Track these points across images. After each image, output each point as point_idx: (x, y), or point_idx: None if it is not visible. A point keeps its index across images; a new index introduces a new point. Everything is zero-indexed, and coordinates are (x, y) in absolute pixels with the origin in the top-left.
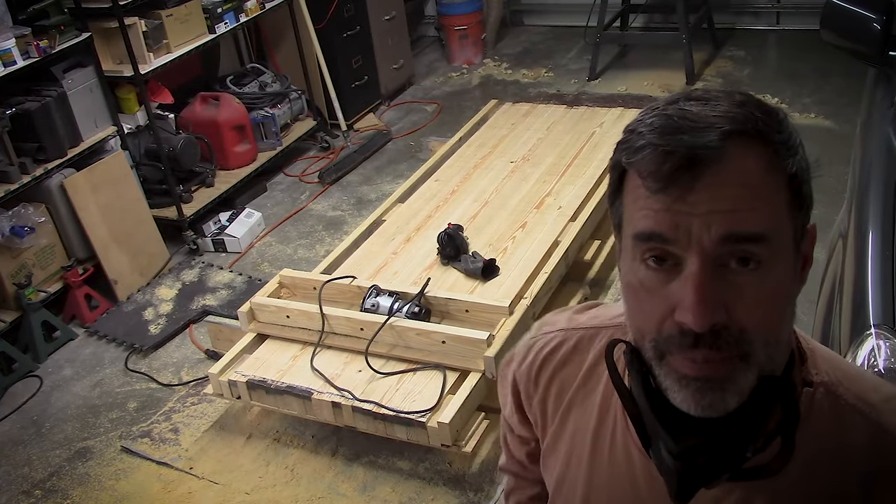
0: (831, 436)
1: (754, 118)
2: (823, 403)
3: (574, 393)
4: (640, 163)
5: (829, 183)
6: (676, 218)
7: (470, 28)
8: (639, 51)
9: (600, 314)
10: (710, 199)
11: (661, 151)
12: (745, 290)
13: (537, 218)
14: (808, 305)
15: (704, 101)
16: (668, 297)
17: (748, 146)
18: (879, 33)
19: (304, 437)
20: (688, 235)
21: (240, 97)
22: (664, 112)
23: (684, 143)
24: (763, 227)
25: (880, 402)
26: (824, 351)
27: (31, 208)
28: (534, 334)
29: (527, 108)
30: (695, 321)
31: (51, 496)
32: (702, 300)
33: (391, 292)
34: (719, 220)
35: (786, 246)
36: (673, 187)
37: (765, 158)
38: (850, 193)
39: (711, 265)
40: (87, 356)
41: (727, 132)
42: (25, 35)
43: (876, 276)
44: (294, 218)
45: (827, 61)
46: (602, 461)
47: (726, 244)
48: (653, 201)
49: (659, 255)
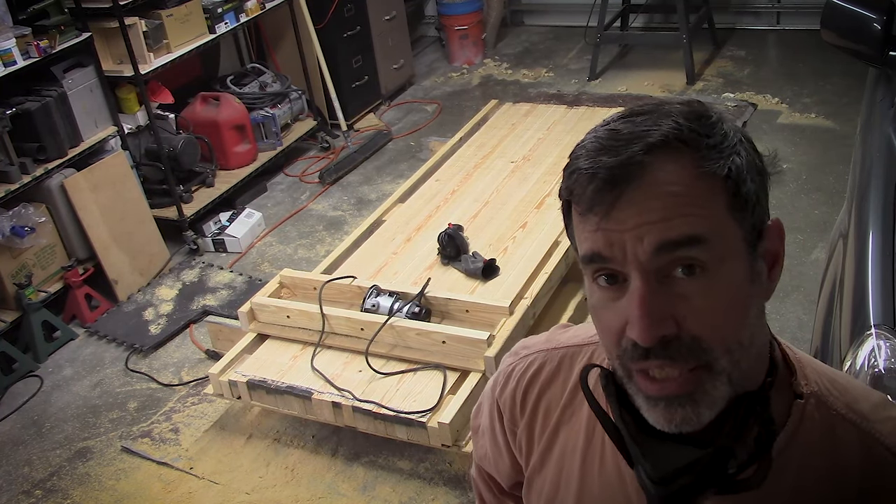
0: (823, 445)
1: (679, 127)
2: (815, 414)
3: (561, 412)
4: (571, 187)
5: (829, 183)
6: (609, 236)
7: (470, 28)
8: (639, 51)
9: (580, 333)
10: (637, 213)
11: (586, 175)
12: (693, 297)
13: (537, 218)
14: (808, 305)
15: (638, 116)
16: (621, 312)
17: (671, 155)
18: (879, 33)
19: (304, 437)
20: (623, 252)
21: (240, 97)
22: (595, 134)
23: (604, 164)
24: (696, 230)
25: (870, 411)
26: (811, 361)
27: (32, 208)
28: (512, 360)
29: (527, 108)
30: (640, 336)
31: (51, 496)
32: (644, 314)
33: (391, 292)
34: (649, 231)
35: (732, 247)
36: (598, 207)
37: (693, 164)
38: (851, 193)
39: (654, 278)
40: (88, 356)
41: (648, 145)
42: (26, 35)
43: (876, 276)
44: (294, 218)
45: (827, 61)
46: (593, 478)
47: (662, 254)
48: (587, 224)
49: (607, 273)
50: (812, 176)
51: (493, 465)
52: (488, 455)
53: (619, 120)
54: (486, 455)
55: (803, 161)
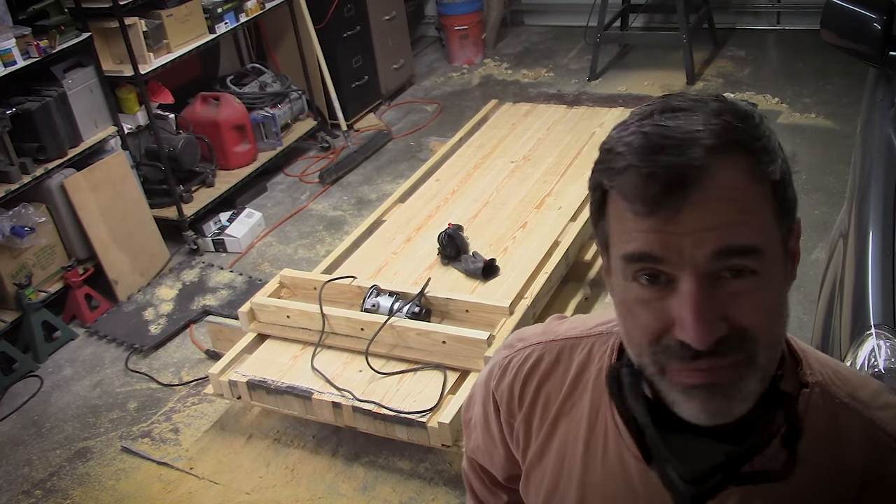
0: (828, 433)
1: (733, 128)
2: (819, 403)
3: (561, 404)
4: (623, 185)
5: (829, 183)
6: (666, 239)
7: (470, 28)
8: (639, 51)
9: (577, 324)
10: (699, 217)
11: (644, 174)
12: (742, 297)
13: (538, 218)
14: (808, 305)
15: (680, 112)
16: (665, 312)
17: (730, 158)
18: (880, 33)
19: (304, 438)
20: (679, 254)
21: (240, 97)
22: (641, 130)
23: (667, 164)
24: (754, 239)
25: (870, 399)
26: (814, 352)
27: (32, 208)
28: (508, 353)
29: (527, 108)
30: (696, 339)
31: (51, 496)
32: (700, 318)
33: (391, 292)
34: (710, 238)
35: (776, 251)
36: (661, 210)
37: (748, 169)
38: (851, 193)
39: (706, 281)
40: (88, 356)
41: (709, 146)
42: (26, 35)
43: (876, 276)
44: (294, 218)
45: (827, 61)
46: (595, 468)
47: (719, 259)
48: (640, 224)
49: (651, 273)
50: (812, 176)
51: (486, 458)
52: (481, 447)
53: (662, 114)
54: (478, 447)
55: (803, 161)
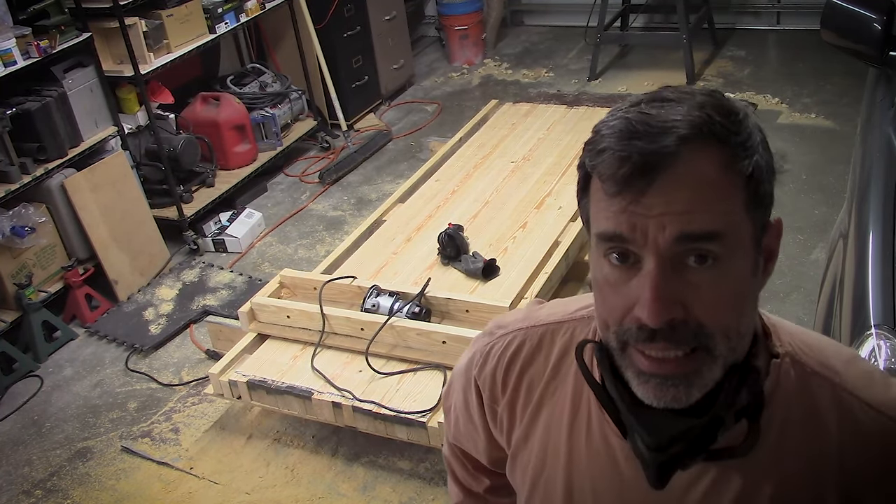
0: (800, 403)
1: (711, 121)
2: (790, 372)
3: (544, 388)
4: (600, 166)
5: (829, 183)
6: (633, 219)
7: (470, 28)
8: (639, 51)
9: (558, 310)
10: (664, 202)
11: (617, 156)
12: (703, 286)
13: (537, 218)
14: (808, 305)
15: (666, 102)
16: (629, 292)
17: (703, 149)
18: (880, 33)
19: (304, 437)
20: (644, 236)
21: (240, 97)
22: (625, 115)
23: (639, 149)
24: (717, 226)
25: (842, 366)
26: (784, 323)
27: (32, 208)
28: (489, 340)
29: (527, 108)
30: (650, 317)
31: (51, 496)
32: (657, 297)
33: (391, 292)
34: (673, 222)
35: (744, 243)
36: (628, 191)
37: (720, 160)
38: (851, 193)
39: (668, 264)
40: (88, 356)
41: (682, 136)
42: (26, 35)
43: (876, 276)
44: (294, 218)
45: (827, 61)
46: (580, 449)
47: (681, 244)
48: (611, 203)
49: (620, 252)
50: (812, 176)
51: (470, 443)
52: (462, 433)
53: (649, 103)
54: (460, 433)
55: (803, 161)
